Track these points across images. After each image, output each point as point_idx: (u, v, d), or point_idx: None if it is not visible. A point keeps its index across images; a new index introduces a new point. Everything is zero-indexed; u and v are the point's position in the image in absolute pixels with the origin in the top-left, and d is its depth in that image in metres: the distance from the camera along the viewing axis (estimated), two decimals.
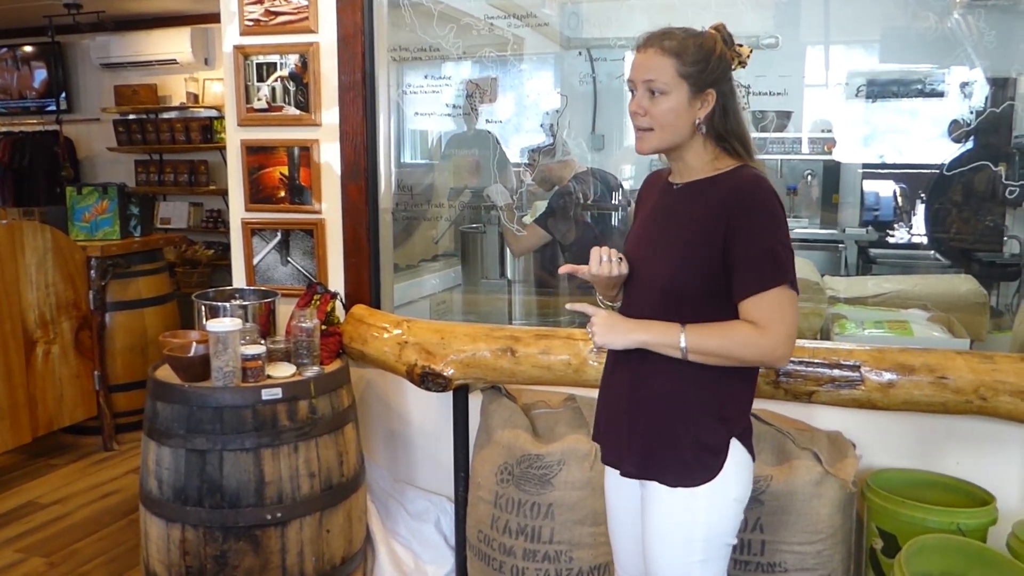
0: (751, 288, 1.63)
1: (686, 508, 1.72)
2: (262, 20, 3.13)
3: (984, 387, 2.28)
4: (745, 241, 1.63)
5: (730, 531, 1.77)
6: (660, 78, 1.68)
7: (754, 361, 1.67)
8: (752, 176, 1.69)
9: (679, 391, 1.73)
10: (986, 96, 3.17)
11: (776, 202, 1.67)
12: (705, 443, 1.72)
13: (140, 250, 4.48)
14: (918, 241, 4.18)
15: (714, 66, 1.70)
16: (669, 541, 1.76)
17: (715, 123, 1.72)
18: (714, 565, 1.77)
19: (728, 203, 1.65)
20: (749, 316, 1.64)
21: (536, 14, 3.65)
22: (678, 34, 1.71)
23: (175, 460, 2.48)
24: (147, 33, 6.78)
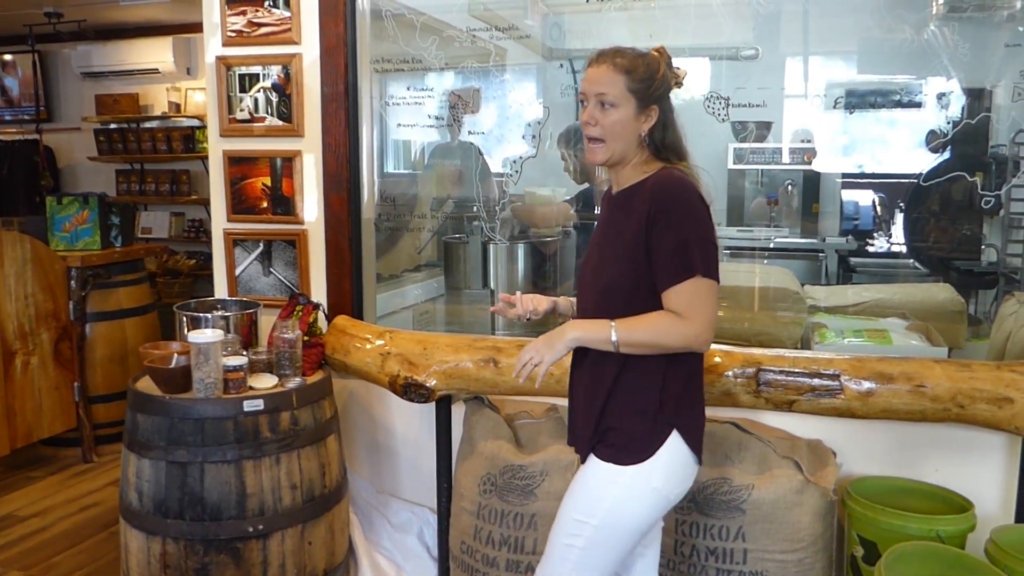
0: (670, 280, 1.76)
1: (607, 480, 1.85)
2: (245, 31, 3.13)
3: (961, 395, 2.30)
4: (662, 236, 1.76)
5: (638, 517, 1.86)
6: (611, 92, 1.83)
7: (679, 347, 1.79)
8: (671, 175, 1.84)
9: (619, 382, 1.85)
10: (962, 107, 3.21)
11: (693, 198, 1.80)
12: (637, 431, 1.84)
13: (121, 260, 4.45)
14: (897, 250, 4.23)
15: (658, 84, 1.86)
16: (576, 501, 1.88)
17: (655, 136, 1.88)
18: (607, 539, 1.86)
19: (649, 201, 1.80)
20: (671, 306, 1.77)
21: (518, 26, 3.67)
22: (628, 53, 1.87)
23: (156, 472, 2.46)
24: (129, 42, 6.75)
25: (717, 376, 2.49)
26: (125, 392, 2.66)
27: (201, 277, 6.45)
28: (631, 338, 1.78)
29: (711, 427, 2.49)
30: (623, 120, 1.84)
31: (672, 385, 1.85)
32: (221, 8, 3.14)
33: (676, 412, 1.85)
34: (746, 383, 2.47)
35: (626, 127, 1.85)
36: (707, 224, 1.80)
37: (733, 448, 2.45)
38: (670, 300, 1.76)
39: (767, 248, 4.21)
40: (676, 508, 2.36)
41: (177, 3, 5.94)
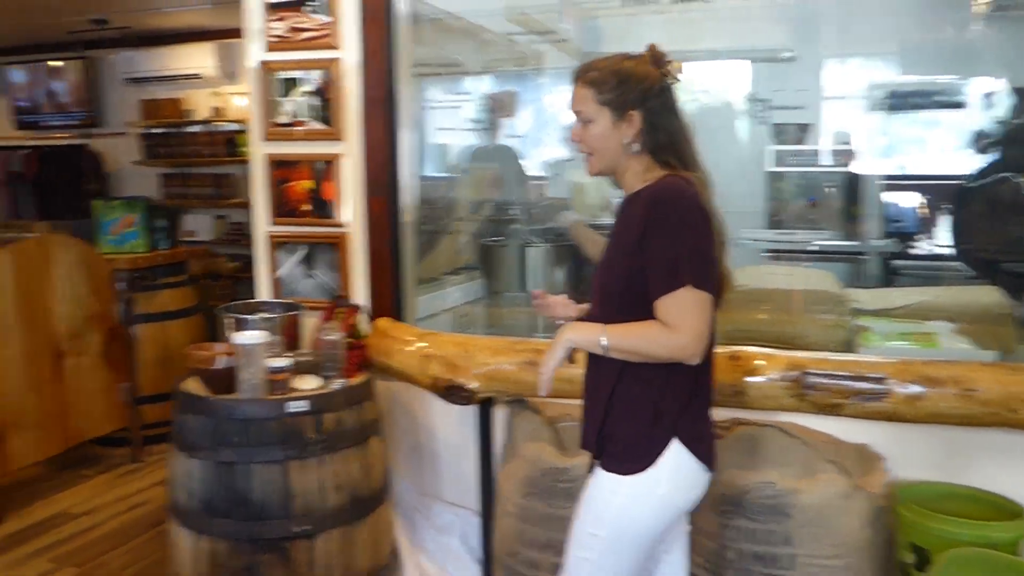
0: (660, 290, 1.73)
1: (609, 490, 1.83)
2: (286, 36, 3.14)
3: (1012, 399, 2.25)
4: (654, 246, 1.74)
5: (645, 525, 1.83)
6: (584, 108, 1.84)
7: (666, 357, 1.75)
8: (669, 184, 1.79)
9: (618, 390, 1.84)
10: (1011, 107, 3.14)
11: (688, 208, 1.75)
12: (636, 440, 1.82)
13: (166, 263, 4.50)
14: (942, 252, 4.14)
15: (631, 89, 1.81)
16: (585, 514, 1.88)
17: (646, 141, 1.83)
18: (617, 549, 1.84)
19: (645, 210, 1.76)
20: (660, 316, 1.73)
21: (555, 29, 3.66)
22: (600, 64, 1.85)
23: (203, 472, 2.48)
24: (172, 48, 6.85)
25: (760, 379, 2.46)
26: (171, 393, 2.68)
27: (242, 280, 6.50)
28: (620, 344, 1.77)
29: (754, 431, 2.47)
30: (602, 134, 1.83)
31: (672, 394, 1.81)
32: (263, 14, 3.17)
33: (676, 421, 1.81)
34: (790, 386, 2.43)
35: (607, 139, 1.83)
36: (701, 234, 1.75)
37: (777, 452, 2.42)
38: (659, 310, 1.73)
39: (807, 251, 4.15)
40: (719, 512, 2.34)
41: (219, 9, 6.02)
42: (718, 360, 2.54)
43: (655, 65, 1.84)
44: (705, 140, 4.63)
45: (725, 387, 2.50)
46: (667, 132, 1.84)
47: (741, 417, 2.55)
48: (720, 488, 2.36)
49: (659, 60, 1.85)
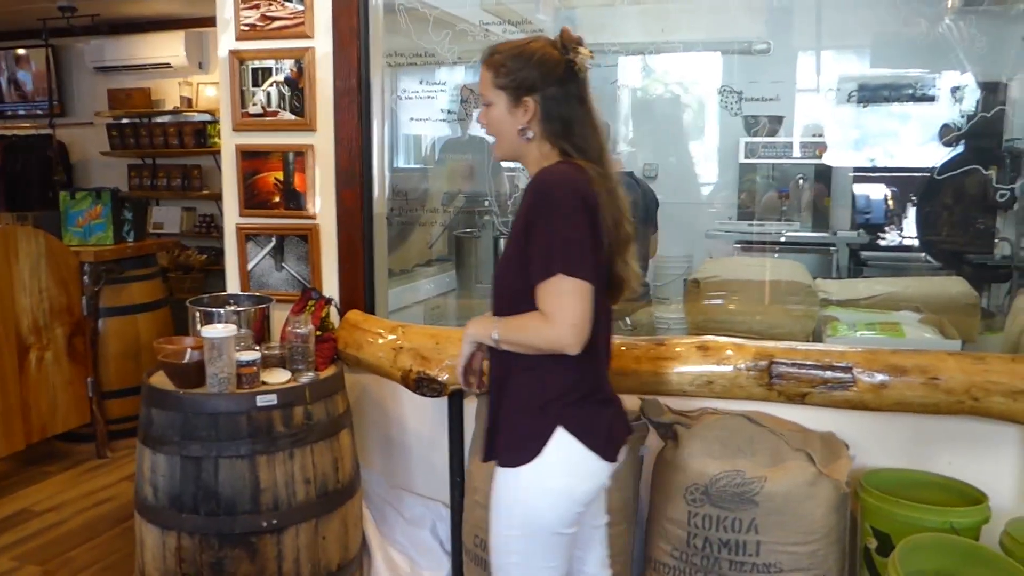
0: (535, 279, 1.71)
1: (507, 487, 1.83)
2: (258, 25, 3.13)
3: (976, 387, 2.30)
4: (533, 234, 1.72)
5: (551, 518, 1.81)
6: (484, 91, 1.83)
7: (548, 348, 1.74)
8: (554, 170, 1.77)
9: (508, 382, 1.85)
10: (977, 100, 3.20)
11: (565, 195, 1.72)
12: (524, 430, 1.82)
13: (133, 255, 4.47)
14: (909, 244, 4.21)
15: (527, 74, 1.79)
16: (495, 514, 1.87)
17: (544, 128, 1.81)
18: (536, 545, 1.82)
19: (529, 198, 1.75)
20: (538, 306, 1.72)
21: (531, 20, 3.66)
22: (504, 47, 1.84)
23: (170, 467, 2.47)
24: (141, 37, 6.77)
25: (728, 368, 2.49)
26: (138, 387, 2.67)
27: (212, 272, 6.47)
28: (508, 336, 1.78)
29: (723, 419, 2.50)
30: (499, 118, 1.82)
31: (556, 384, 1.80)
32: (234, 2, 3.15)
33: (562, 411, 1.80)
34: (758, 376, 2.47)
35: (503, 124, 1.82)
36: (578, 223, 1.71)
37: (745, 440, 2.45)
38: (537, 300, 1.72)
39: (778, 242, 4.20)
40: (689, 500, 2.37)
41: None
42: (688, 350, 2.59)
43: (562, 51, 1.80)
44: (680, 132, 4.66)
45: (695, 376, 2.54)
46: (564, 121, 1.80)
47: (710, 407, 2.58)
48: (689, 477, 2.40)
49: (566, 45, 1.81)
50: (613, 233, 1.79)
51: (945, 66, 3.30)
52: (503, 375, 1.87)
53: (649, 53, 3.65)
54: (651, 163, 4.42)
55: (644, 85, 4.40)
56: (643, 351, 2.60)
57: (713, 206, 4.60)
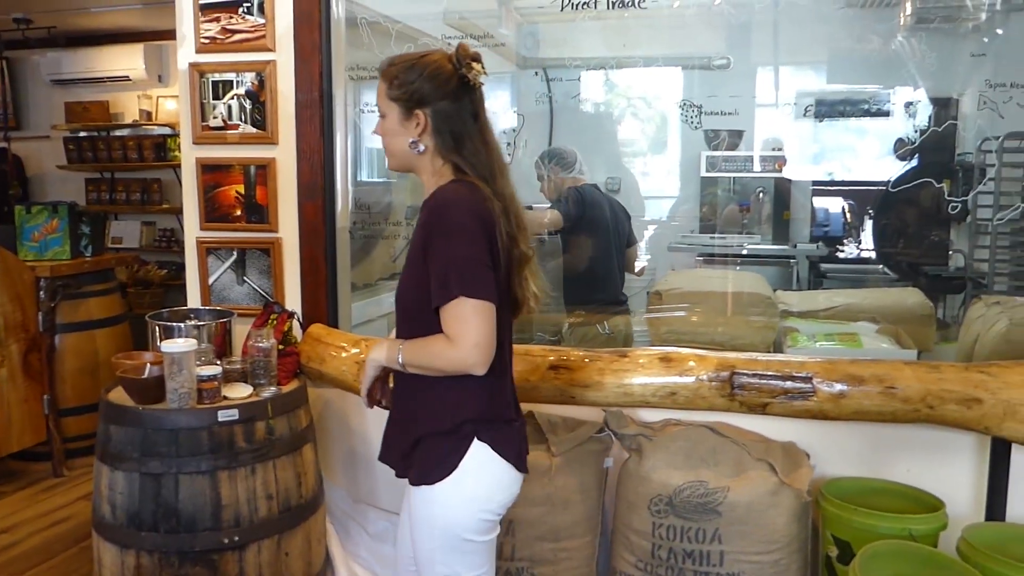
0: (437, 301, 1.70)
1: (425, 502, 1.83)
2: (218, 38, 3.12)
3: (931, 396, 2.35)
4: (432, 256, 1.71)
5: (470, 528, 1.82)
6: (379, 102, 1.83)
7: (453, 370, 1.73)
8: (444, 192, 1.77)
9: (418, 399, 1.84)
10: (929, 115, 3.28)
11: (460, 216, 1.72)
12: (438, 446, 1.81)
13: (91, 270, 4.40)
14: (867, 256, 4.30)
15: (420, 86, 1.78)
16: (417, 531, 1.87)
17: (434, 142, 1.81)
18: (459, 556, 1.83)
19: (425, 217, 1.76)
20: (443, 328, 1.71)
21: (493, 34, 3.69)
22: (400, 59, 1.83)
23: (129, 484, 2.43)
24: (99, 49, 6.68)
25: (691, 379, 2.52)
26: (96, 404, 2.63)
27: (173, 287, 6.39)
28: (412, 360, 1.77)
29: (686, 430, 2.53)
30: (391, 129, 1.82)
31: (467, 404, 1.80)
32: (195, 15, 3.13)
33: (477, 427, 1.81)
34: (720, 386, 2.50)
35: (395, 135, 1.82)
36: (473, 241, 1.70)
37: (708, 451, 2.48)
38: (441, 323, 1.71)
39: (739, 255, 4.26)
40: (653, 512, 2.39)
41: (149, 10, 5.91)
42: (651, 362, 2.61)
43: (456, 65, 1.79)
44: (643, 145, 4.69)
45: (658, 388, 2.56)
46: (455, 135, 1.79)
47: (673, 418, 2.61)
48: (653, 488, 2.42)
49: (461, 60, 1.79)
50: (509, 252, 1.79)
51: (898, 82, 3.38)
52: (409, 396, 1.86)
53: (611, 68, 3.69)
54: (614, 176, 4.47)
55: (607, 99, 4.45)
56: (606, 362, 2.62)
57: (676, 219, 4.66)
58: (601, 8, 3.17)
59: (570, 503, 2.52)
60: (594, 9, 3.18)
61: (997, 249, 3.43)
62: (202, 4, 3.12)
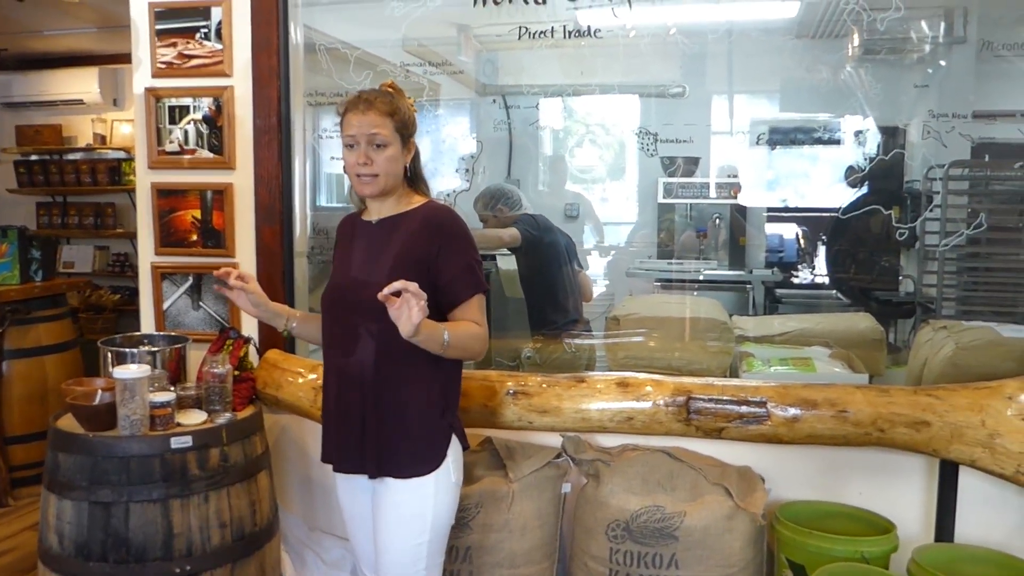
0: (463, 295, 2.03)
1: (419, 494, 2.03)
2: (175, 63, 3.11)
3: (881, 419, 2.39)
4: (452, 259, 2.03)
5: (452, 511, 2.11)
6: (383, 132, 2.05)
7: (479, 353, 2.04)
8: (446, 207, 2.16)
9: (408, 397, 2.04)
10: (878, 144, 3.37)
11: (462, 225, 2.11)
12: (432, 436, 2.05)
13: (41, 295, 4.32)
14: (820, 281, 4.38)
15: (413, 118, 2.13)
16: (403, 527, 2.04)
17: (414, 168, 2.17)
18: (438, 546, 2.09)
19: (431, 229, 2.05)
20: (466, 317, 2.02)
21: (452, 62, 3.72)
22: (386, 97, 2.09)
23: (77, 513, 2.38)
24: (52, 72, 6.60)
25: (647, 404, 2.55)
26: (44, 432, 2.57)
27: (126, 312, 6.29)
28: (456, 340, 1.95)
29: (644, 455, 2.55)
30: (394, 156, 2.06)
31: (452, 392, 2.11)
32: (151, 39, 3.12)
33: (452, 412, 2.11)
34: (677, 411, 2.53)
35: (396, 163, 2.08)
36: (476, 247, 2.11)
37: (665, 476, 2.50)
38: (464, 312, 2.02)
39: (696, 280, 4.32)
40: (610, 537, 2.40)
41: (104, 33, 5.86)
42: (608, 387, 2.64)
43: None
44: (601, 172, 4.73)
45: (615, 413, 2.58)
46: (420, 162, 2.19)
47: (631, 443, 2.63)
48: (610, 513, 2.43)
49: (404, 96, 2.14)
50: None
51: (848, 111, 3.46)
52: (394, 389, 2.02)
53: (568, 95, 3.74)
54: (572, 203, 4.52)
55: (565, 126, 4.50)
56: (564, 388, 2.63)
57: (633, 245, 4.71)
58: (558, 37, 3.22)
59: (528, 529, 2.52)
60: (551, 38, 3.23)
61: (944, 274, 3.51)
62: (159, 29, 3.11)
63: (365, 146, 2.04)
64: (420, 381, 2.03)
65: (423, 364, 2.00)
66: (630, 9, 3.01)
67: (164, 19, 3.10)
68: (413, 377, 2.03)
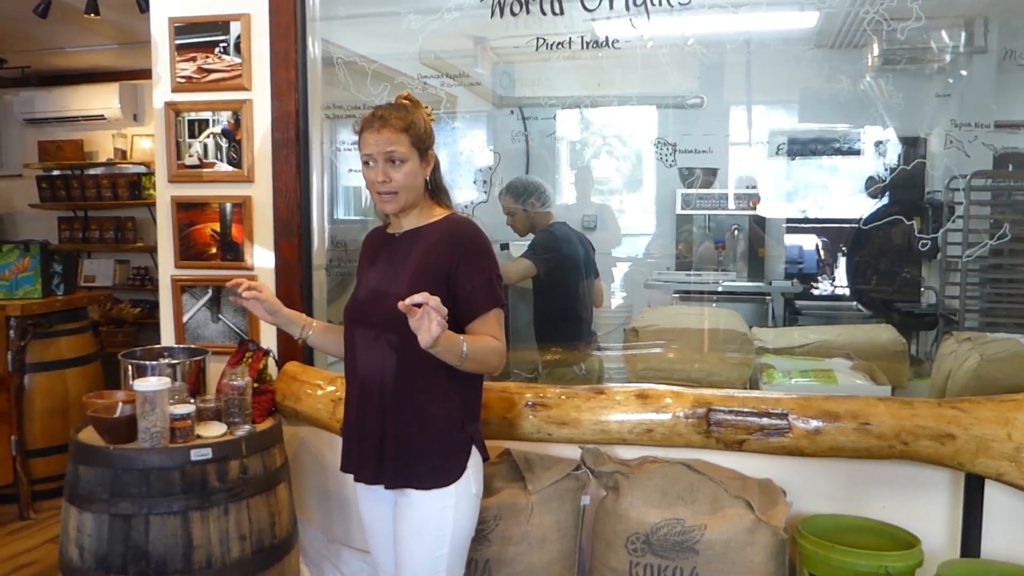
0: (482, 308, 2.04)
1: (439, 506, 2.03)
2: (194, 77, 3.14)
3: (905, 432, 2.37)
4: (472, 272, 2.04)
5: (472, 523, 2.11)
6: (399, 149, 2.06)
7: (497, 366, 2.04)
8: (467, 220, 2.16)
9: (428, 409, 2.05)
10: (899, 154, 3.35)
11: (484, 239, 2.12)
12: (452, 448, 2.06)
13: (63, 309, 4.36)
14: (840, 292, 4.35)
15: (429, 131, 2.14)
16: (423, 539, 2.04)
17: (435, 179, 2.17)
18: (458, 559, 2.09)
19: (451, 242, 2.06)
20: (483, 331, 2.02)
21: (469, 73, 3.74)
22: (400, 112, 2.09)
23: (98, 526, 2.40)
24: (74, 88, 6.69)
25: (667, 416, 2.53)
26: (66, 445, 2.60)
27: (146, 326, 6.34)
28: (475, 354, 1.95)
29: (663, 468, 2.54)
30: (412, 171, 2.07)
31: (472, 404, 2.12)
32: (171, 55, 3.16)
33: (473, 424, 2.11)
34: (697, 423, 2.51)
35: (416, 178, 2.09)
36: (496, 261, 2.12)
37: (685, 489, 2.49)
38: (483, 326, 2.03)
39: (715, 292, 4.30)
40: (630, 550, 2.39)
41: (124, 49, 5.94)
42: (628, 399, 2.63)
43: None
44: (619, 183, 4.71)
45: (634, 425, 2.57)
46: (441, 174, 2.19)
47: (650, 455, 2.62)
48: (630, 526, 2.41)
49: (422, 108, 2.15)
50: None
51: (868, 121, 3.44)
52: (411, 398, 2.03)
53: (586, 106, 3.75)
54: (590, 215, 4.52)
55: (582, 137, 4.51)
56: (583, 399, 2.63)
57: (652, 256, 4.71)
58: (576, 48, 3.22)
59: (547, 541, 2.51)
60: (569, 49, 3.23)
61: (967, 286, 3.48)
62: (178, 44, 3.15)
63: (383, 164, 2.06)
64: (440, 392, 2.04)
65: (443, 375, 2.01)
66: (648, 19, 3.01)
67: (184, 34, 3.14)
68: (433, 388, 2.04)
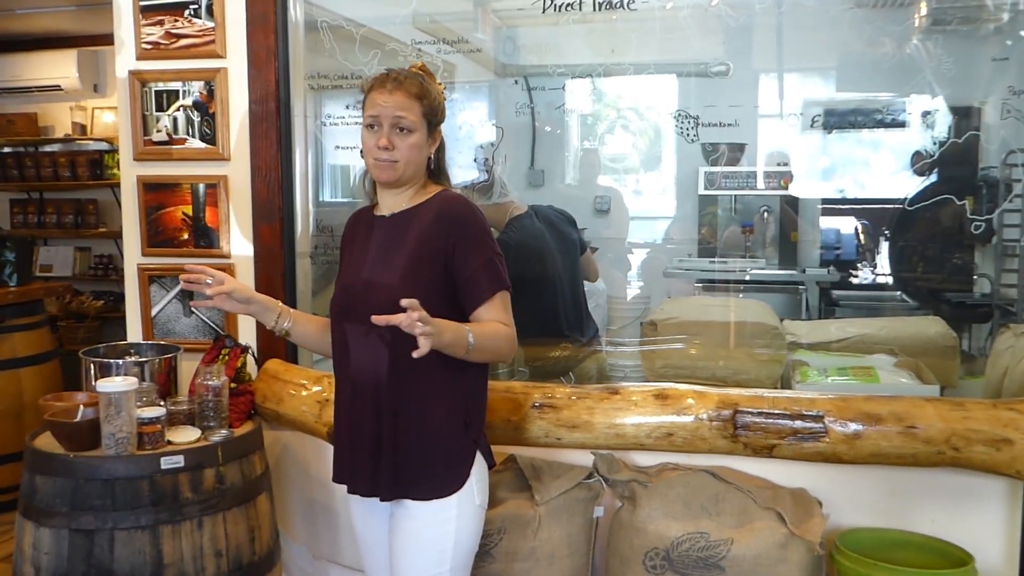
0: (486, 293, 2.05)
1: (440, 518, 2.04)
2: (162, 43, 3.14)
3: (956, 436, 2.37)
4: (470, 255, 2.05)
5: (476, 537, 2.12)
6: (409, 116, 2.06)
7: (509, 354, 2.08)
8: (460, 197, 2.16)
9: (428, 411, 2.06)
10: (949, 126, 3.33)
11: (482, 219, 2.12)
12: (454, 454, 2.07)
13: (16, 302, 4.37)
14: (883, 281, 4.34)
15: (442, 106, 2.16)
16: (422, 554, 2.06)
17: (437, 158, 2.18)
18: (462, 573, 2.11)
19: (444, 224, 2.06)
20: (490, 316, 2.04)
21: (468, 39, 3.72)
22: (415, 78, 2.11)
23: (56, 542, 2.41)
24: (26, 56, 6.69)
25: (689, 419, 2.54)
26: (20, 453, 2.61)
27: (110, 320, 6.36)
28: (482, 343, 1.97)
29: (685, 476, 2.54)
30: (418, 144, 2.08)
31: (476, 403, 2.13)
32: (135, 17, 3.16)
33: (477, 427, 2.12)
34: (722, 426, 2.52)
35: (421, 151, 2.10)
36: (495, 241, 2.13)
37: (709, 499, 2.49)
38: (489, 312, 2.04)
39: (742, 280, 4.30)
40: (648, 567, 2.40)
41: (83, 12, 5.93)
42: (645, 399, 2.64)
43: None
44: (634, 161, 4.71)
45: (653, 428, 2.58)
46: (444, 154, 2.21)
47: (670, 462, 2.62)
48: (648, 540, 2.42)
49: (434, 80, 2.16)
50: None
51: (914, 89, 3.43)
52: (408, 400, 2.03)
53: (598, 76, 3.73)
54: (602, 196, 4.51)
55: (594, 111, 4.50)
56: (596, 400, 2.63)
57: (672, 242, 4.70)
58: (587, 10, 3.21)
59: (556, 558, 2.52)
60: (579, 11, 3.22)
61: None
62: (143, 6, 3.15)
63: (388, 129, 2.05)
64: (441, 393, 2.05)
65: (444, 374, 2.02)
66: None
67: None
68: (433, 388, 2.04)
